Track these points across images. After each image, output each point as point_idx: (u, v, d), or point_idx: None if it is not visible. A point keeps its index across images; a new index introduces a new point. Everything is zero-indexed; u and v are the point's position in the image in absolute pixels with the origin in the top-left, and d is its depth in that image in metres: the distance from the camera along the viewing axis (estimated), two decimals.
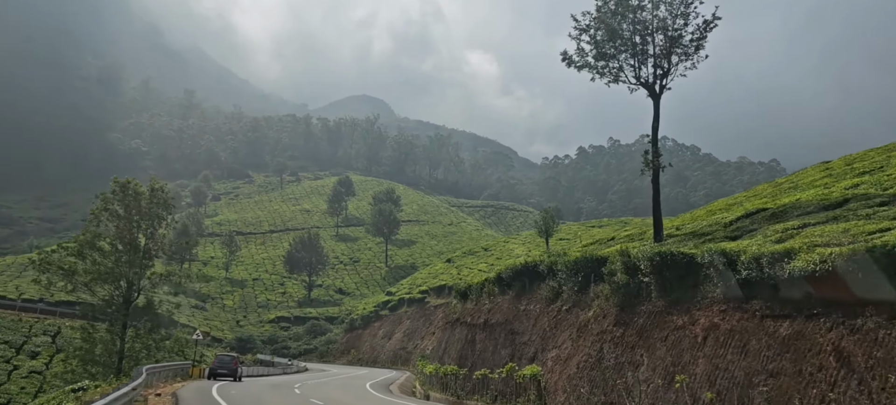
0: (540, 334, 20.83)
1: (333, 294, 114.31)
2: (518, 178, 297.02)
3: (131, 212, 33.08)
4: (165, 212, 34.80)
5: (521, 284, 25.48)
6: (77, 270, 31.50)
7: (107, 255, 32.00)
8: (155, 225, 34.13)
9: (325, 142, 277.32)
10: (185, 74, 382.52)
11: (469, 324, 29.90)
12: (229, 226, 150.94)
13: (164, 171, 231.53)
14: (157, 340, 32.90)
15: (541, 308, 22.13)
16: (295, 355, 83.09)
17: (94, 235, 31.93)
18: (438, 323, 78.27)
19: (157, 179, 34.71)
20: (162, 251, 33.80)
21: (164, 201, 34.84)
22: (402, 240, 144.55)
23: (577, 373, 17.70)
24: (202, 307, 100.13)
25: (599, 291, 19.09)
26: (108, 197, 33.32)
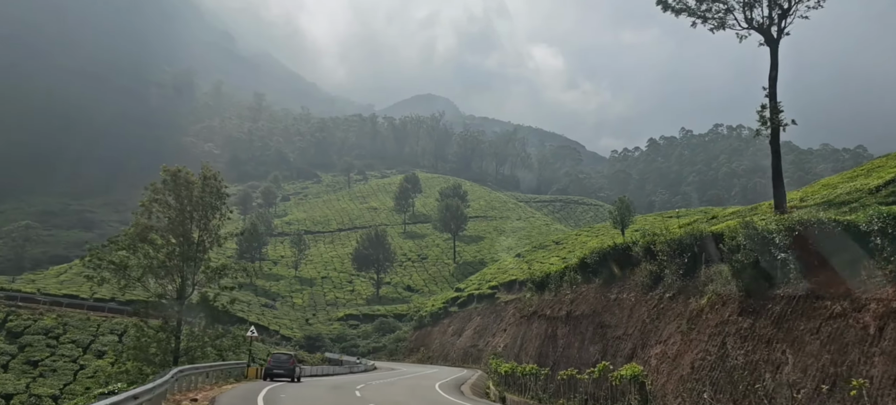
0: (638, 327, 17.55)
1: (402, 291, 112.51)
2: (586, 172, 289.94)
3: (183, 203, 31.28)
4: (219, 202, 32.79)
5: (608, 271, 22.22)
6: (129, 265, 29.84)
7: (158, 249, 30.22)
8: (208, 215, 32.29)
9: (390, 140, 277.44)
10: (255, 79, 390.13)
11: (549, 318, 26.71)
12: (298, 225, 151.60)
13: (235, 172, 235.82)
14: (212, 338, 30.91)
15: (636, 296, 18.82)
16: (364, 354, 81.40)
17: (144, 228, 30.17)
18: (510, 319, 75.07)
19: (209, 167, 32.76)
20: (216, 243, 31.84)
21: (216, 190, 32.76)
22: (470, 237, 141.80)
23: (692, 374, 14.43)
24: (272, 306, 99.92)
25: (713, 274, 15.76)
26: (158, 187, 31.57)
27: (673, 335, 16.15)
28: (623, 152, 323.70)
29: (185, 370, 20.18)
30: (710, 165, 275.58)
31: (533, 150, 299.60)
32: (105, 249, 30.04)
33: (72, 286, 69.29)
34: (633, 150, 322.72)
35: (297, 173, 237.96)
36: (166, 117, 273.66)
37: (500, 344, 73.58)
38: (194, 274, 30.98)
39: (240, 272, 32.36)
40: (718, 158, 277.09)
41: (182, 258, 30.24)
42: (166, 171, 31.79)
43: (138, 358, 28.44)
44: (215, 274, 31.65)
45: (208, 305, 31.45)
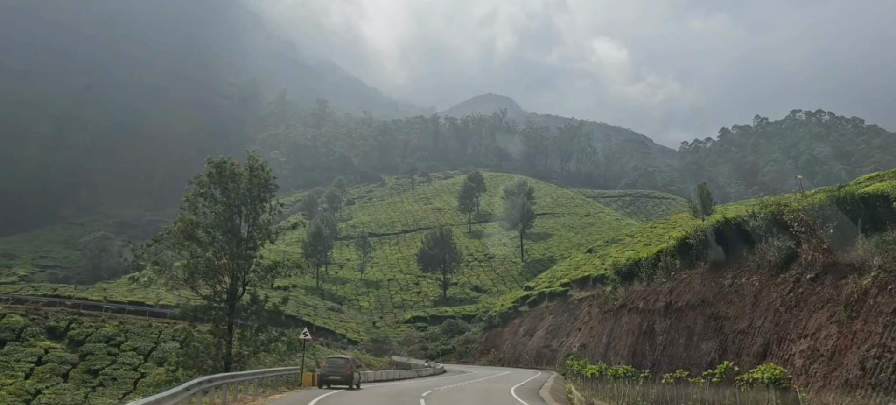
0: (769, 318, 13.98)
1: (469, 291, 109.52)
2: (656, 166, 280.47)
3: (230, 197, 29.10)
4: (267, 194, 30.41)
5: (716, 252, 18.60)
6: (174, 265, 27.78)
7: (205, 246, 27.99)
8: (256, 209, 30.01)
9: (453, 141, 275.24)
10: (318, 86, 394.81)
11: (642, 311, 23.11)
12: (363, 228, 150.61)
13: (301, 178, 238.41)
14: (265, 342, 28.50)
15: (761, 280, 15.22)
16: (432, 356, 78.70)
17: (188, 224, 27.97)
18: (585, 316, 70.97)
19: (255, 156, 30.44)
20: (267, 239, 29.43)
21: (264, 181, 30.37)
22: (538, 234, 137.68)
23: (863, 378, 10.89)
24: (338, 309, 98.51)
25: (874, 246, 12.12)
26: (203, 180, 29.33)
27: (824, 326, 12.59)
28: (694, 144, 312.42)
29: (213, 380, 17.50)
30: (789, 153, 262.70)
31: (599, 145, 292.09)
32: (150, 249, 28.01)
33: (139, 293, 69.09)
34: (705, 141, 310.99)
35: (361, 177, 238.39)
36: (234, 127, 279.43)
37: (575, 343, 69.59)
38: (244, 273, 28.69)
39: (293, 270, 29.84)
40: (798, 146, 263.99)
41: (231, 256, 27.94)
42: (211, 162, 29.56)
43: (188, 365, 26.32)
44: (267, 273, 29.27)
45: (259, 306, 29.04)
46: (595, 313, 66.70)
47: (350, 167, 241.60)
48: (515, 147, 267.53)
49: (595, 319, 51.43)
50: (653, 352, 20.57)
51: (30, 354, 39.34)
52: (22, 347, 39.92)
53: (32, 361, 39.63)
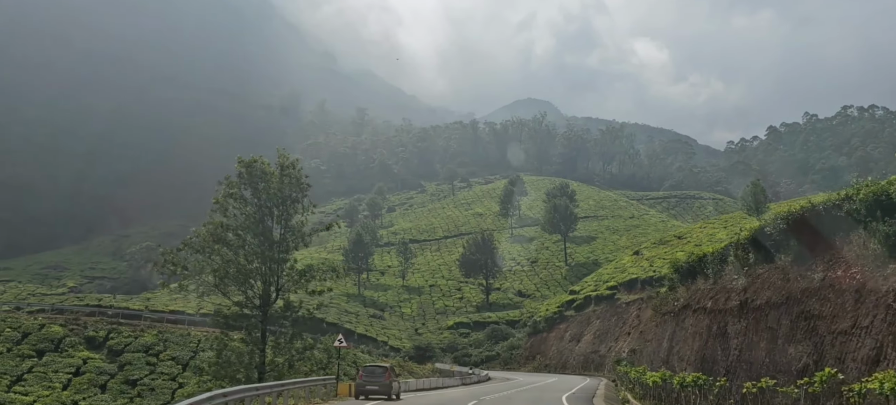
0: (879, 316, 11.80)
1: (513, 296, 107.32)
2: (701, 166, 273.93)
3: (261, 197, 27.73)
4: (299, 194, 28.92)
5: (798, 244, 16.41)
6: (204, 269, 26.42)
7: (235, 250, 26.60)
8: (289, 210, 28.33)
9: (492, 146, 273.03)
10: (357, 96, 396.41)
11: (711, 311, 20.87)
12: (404, 234, 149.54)
13: (342, 186, 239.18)
14: (299, 349, 26.94)
15: (864, 272, 13.01)
16: (476, 363, 76.72)
17: (218, 226, 26.61)
18: (633, 321, 68.27)
19: (286, 155, 28.92)
20: (302, 242, 27.90)
21: (296, 180, 28.86)
22: (581, 237, 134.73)
23: None
24: (380, 316, 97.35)
25: None
26: (233, 180, 27.96)
27: None
28: (740, 143, 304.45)
29: (229, 394, 15.76)
30: (841, 150, 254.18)
31: (641, 147, 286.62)
32: (180, 254, 26.75)
33: (180, 302, 68.76)
34: (751, 140, 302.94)
35: (401, 184, 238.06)
36: (274, 138, 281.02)
37: (625, 348, 66.90)
38: (277, 277, 27.25)
39: (328, 274, 28.22)
40: (850, 142, 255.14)
41: (262, 259, 26.54)
42: (241, 161, 28.14)
43: (220, 375, 24.98)
44: (300, 277, 27.78)
45: (293, 312, 27.53)
46: (647, 316, 63.98)
47: (390, 174, 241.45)
48: (556, 150, 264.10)
49: (648, 323, 48.98)
50: (726, 357, 18.37)
51: (68, 365, 38.69)
52: (60, 358, 39.34)
53: (71, 372, 38.98)
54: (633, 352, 64.54)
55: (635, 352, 64.57)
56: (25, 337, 41.01)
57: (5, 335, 40.44)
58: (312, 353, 27.44)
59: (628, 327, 68.43)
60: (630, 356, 63.98)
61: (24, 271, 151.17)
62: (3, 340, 39.89)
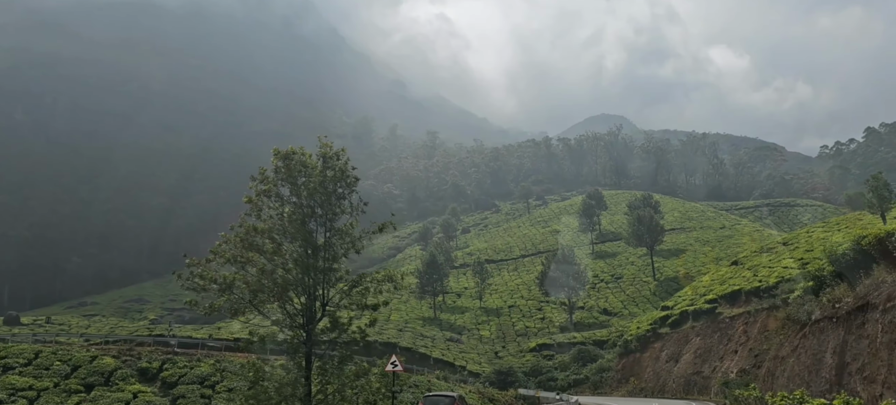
0: None
1: (598, 315, 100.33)
2: (793, 173, 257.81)
3: (301, 194, 22.75)
4: (346, 190, 24.26)
5: None
6: (235, 283, 21.77)
7: (270, 258, 21.86)
8: (333, 209, 23.27)
9: (567, 162, 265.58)
10: (428, 121, 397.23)
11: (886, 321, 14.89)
12: (479, 255, 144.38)
13: (415, 210, 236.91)
14: (351, 377, 21.99)
15: None
16: (563, 388, 70.55)
17: (250, 231, 21.98)
18: (740, 337, 60.74)
19: (328, 144, 24.00)
20: (352, 248, 22.95)
21: (342, 172, 24.20)
22: (668, 250, 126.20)
23: None
24: (457, 339, 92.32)
25: None
26: (268, 175, 23.27)
27: None
28: (835, 147, 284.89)
29: None
30: None
31: (726, 156, 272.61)
32: (209, 266, 22.37)
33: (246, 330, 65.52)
34: (848, 143, 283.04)
35: (474, 205, 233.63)
36: None
37: (733, 368, 59.43)
38: (324, 290, 22.50)
39: (385, 284, 23.21)
40: None
41: (303, 269, 21.80)
42: (277, 153, 23.51)
43: None
44: (351, 288, 22.93)
45: (342, 331, 22.60)
46: (756, 331, 56.61)
47: (463, 195, 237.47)
48: (634, 163, 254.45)
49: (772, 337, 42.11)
50: None
51: (117, 399, 35.19)
52: (110, 392, 35.93)
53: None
54: (743, 372, 57.11)
55: (745, 372, 57.14)
56: (75, 370, 37.96)
57: (54, 369, 37.45)
58: (368, 380, 22.56)
59: (734, 345, 61.01)
60: (740, 377, 56.59)
61: (109, 305, 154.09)
62: (51, 374, 36.89)
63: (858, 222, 74.19)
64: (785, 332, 31.24)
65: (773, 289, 59.49)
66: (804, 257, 64.89)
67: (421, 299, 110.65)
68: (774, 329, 41.22)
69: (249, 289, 21.40)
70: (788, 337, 29.46)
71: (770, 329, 47.57)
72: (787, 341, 29.85)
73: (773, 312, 52.22)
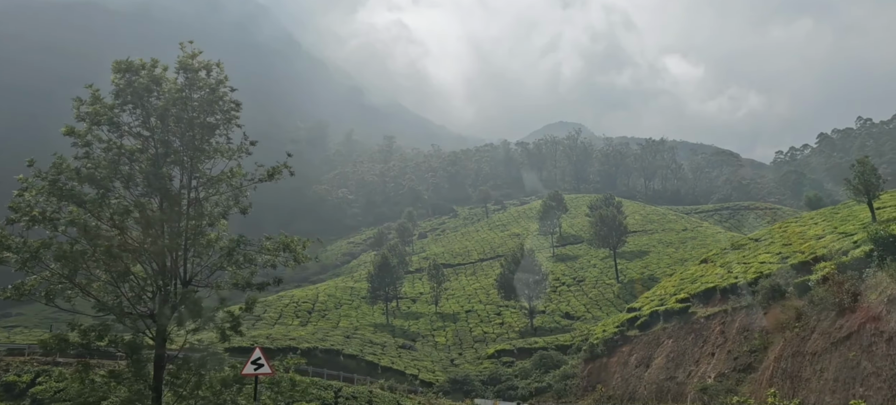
0: None
1: (560, 319, 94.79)
2: (750, 178, 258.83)
3: (152, 125, 15.63)
4: (222, 121, 16.71)
5: None
6: (42, 251, 13.98)
7: (98, 212, 14.19)
8: (201, 146, 16.27)
9: (526, 166, 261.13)
10: (386, 128, 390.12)
11: None
12: (436, 258, 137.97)
13: (371, 215, 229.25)
14: (215, 389, 14.58)
15: None
16: (524, 397, 64.47)
17: (64, 172, 14.17)
18: (717, 338, 55.45)
19: (194, 52, 16.22)
20: (235, 205, 15.85)
21: (211, 92, 17.24)
22: (631, 252, 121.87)
23: None
24: (410, 346, 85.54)
25: None
26: (99, 96, 16.05)
27: None
28: (790, 152, 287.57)
29: None
30: None
31: (684, 161, 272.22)
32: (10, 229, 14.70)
33: None
34: (802, 148, 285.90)
35: (432, 210, 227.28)
36: (301, 169, 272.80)
37: (710, 373, 53.95)
38: (185, 262, 15.31)
39: (279, 254, 16.04)
40: None
41: (151, 230, 14.51)
42: (118, 66, 15.89)
43: None
44: (226, 258, 15.70)
45: (205, 320, 15.20)
46: (736, 332, 51.29)
47: (420, 200, 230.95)
48: (593, 168, 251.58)
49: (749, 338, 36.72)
50: None
51: None
52: None
53: None
54: (722, 376, 51.73)
55: (724, 376, 51.78)
56: None
57: None
58: (234, 391, 15.46)
59: (711, 347, 55.67)
60: (719, 381, 51.24)
61: (36, 316, 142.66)
62: None
63: (836, 215, 70.09)
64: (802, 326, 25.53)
65: (753, 286, 54.42)
66: (783, 252, 60.13)
67: (373, 304, 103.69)
68: (776, 324, 35.63)
69: (65, 258, 14.19)
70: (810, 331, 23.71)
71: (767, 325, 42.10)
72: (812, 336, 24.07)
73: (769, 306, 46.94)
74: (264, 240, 17.00)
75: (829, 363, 21.80)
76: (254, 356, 14.48)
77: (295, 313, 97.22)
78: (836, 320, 20.78)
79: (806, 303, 28.08)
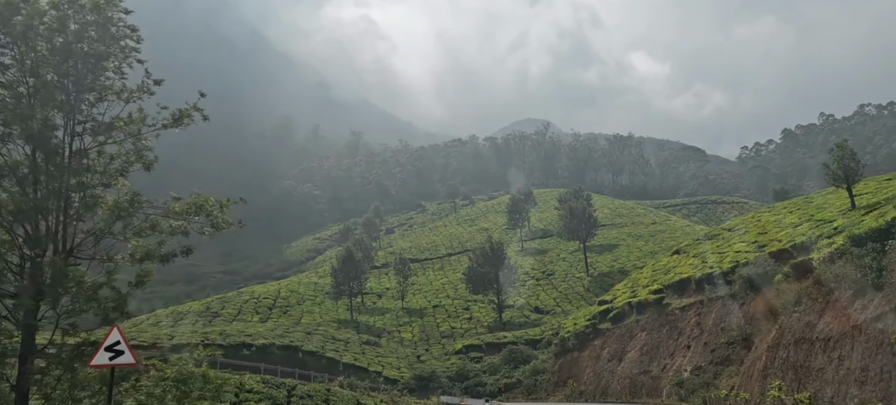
0: None
1: (529, 313, 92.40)
2: (716, 172, 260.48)
3: (22, 55, 12.23)
4: (114, 51, 13.21)
5: None
6: None
7: None
8: (87, 83, 12.85)
9: (494, 161, 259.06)
10: (353, 123, 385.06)
11: None
12: (403, 253, 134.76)
13: (338, 211, 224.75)
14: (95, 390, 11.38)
15: None
16: (493, 393, 61.82)
17: None
18: (692, 330, 53.49)
19: None
20: (138, 160, 12.59)
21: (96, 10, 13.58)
22: (601, 246, 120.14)
23: None
24: (375, 342, 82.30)
25: None
26: None
27: None
28: (754, 148, 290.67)
29: None
30: (865, 148, 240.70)
31: (651, 157, 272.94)
32: None
33: None
34: (767, 144, 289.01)
35: (400, 205, 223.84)
36: (267, 165, 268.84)
37: (686, 366, 51.84)
38: (61, 223, 11.95)
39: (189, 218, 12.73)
40: (873, 140, 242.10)
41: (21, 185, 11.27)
42: None
43: None
44: (115, 216, 12.38)
45: (87, 299, 11.83)
46: (713, 323, 49.32)
47: (387, 196, 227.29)
48: (561, 163, 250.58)
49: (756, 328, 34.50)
50: None
51: None
52: None
53: None
54: (699, 370, 49.63)
55: (701, 369, 49.68)
56: None
57: None
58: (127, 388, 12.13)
59: (686, 339, 53.64)
60: (696, 375, 49.11)
61: None
62: None
63: (809, 205, 68.69)
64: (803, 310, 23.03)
65: (729, 275, 52.43)
66: (759, 240, 58.35)
67: (337, 300, 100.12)
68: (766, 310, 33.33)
69: None
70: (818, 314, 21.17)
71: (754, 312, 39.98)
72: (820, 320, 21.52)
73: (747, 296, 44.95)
74: (172, 200, 13.78)
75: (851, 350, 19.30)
76: (109, 340, 11.13)
77: (255, 310, 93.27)
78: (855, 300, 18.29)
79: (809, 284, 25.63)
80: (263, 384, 35.58)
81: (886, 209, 42.98)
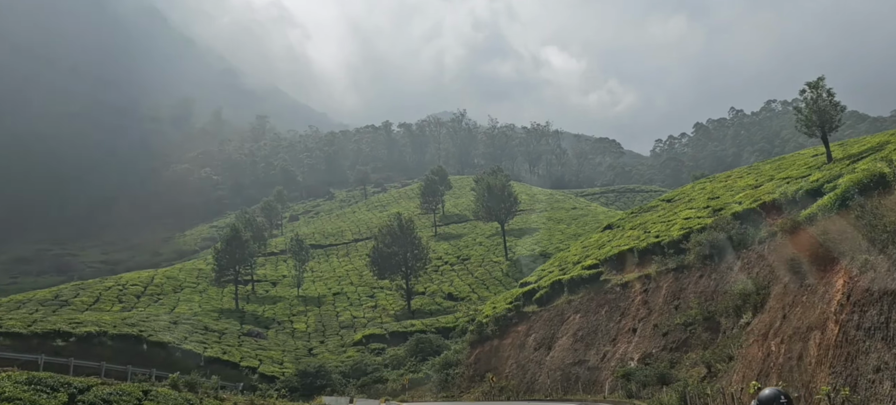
0: None
1: (441, 300, 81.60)
2: (631, 164, 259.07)
3: None
4: None
5: None
6: None
7: None
8: None
9: (408, 148, 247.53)
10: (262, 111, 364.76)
11: None
12: (305, 239, 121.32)
13: (240, 198, 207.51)
14: None
15: None
16: (396, 391, 50.37)
17: None
18: (638, 310, 43.79)
19: None
20: None
21: None
22: (520, 230, 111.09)
23: None
24: (259, 334, 69.18)
25: None
26: None
27: None
28: (668, 140, 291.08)
29: None
30: (773, 142, 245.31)
31: (568, 148, 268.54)
32: None
33: None
34: (680, 137, 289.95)
35: (307, 192, 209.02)
36: (161, 149, 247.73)
37: (633, 353, 41.92)
38: None
39: None
40: (780, 134, 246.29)
41: None
42: None
43: None
44: None
45: None
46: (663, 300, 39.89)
47: (294, 182, 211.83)
48: (478, 150, 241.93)
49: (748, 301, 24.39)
50: None
51: None
52: None
53: None
54: (649, 357, 39.75)
55: (652, 357, 39.86)
56: None
57: None
58: None
59: (631, 320, 43.91)
60: (646, 364, 39.22)
61: None
62: None
63: (762, 168, 60.77)
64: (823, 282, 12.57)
65: (683, 242, 42.91)
66: (712, 205, 49.33)
67: (222, 287, 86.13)
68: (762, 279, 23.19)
69: None
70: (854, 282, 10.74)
71: None
72: None
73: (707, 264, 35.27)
74: None
75: None
76: None
77: (118, 298, 78.23)
78: None
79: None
80: (28, 386, 22.86)
81: None
